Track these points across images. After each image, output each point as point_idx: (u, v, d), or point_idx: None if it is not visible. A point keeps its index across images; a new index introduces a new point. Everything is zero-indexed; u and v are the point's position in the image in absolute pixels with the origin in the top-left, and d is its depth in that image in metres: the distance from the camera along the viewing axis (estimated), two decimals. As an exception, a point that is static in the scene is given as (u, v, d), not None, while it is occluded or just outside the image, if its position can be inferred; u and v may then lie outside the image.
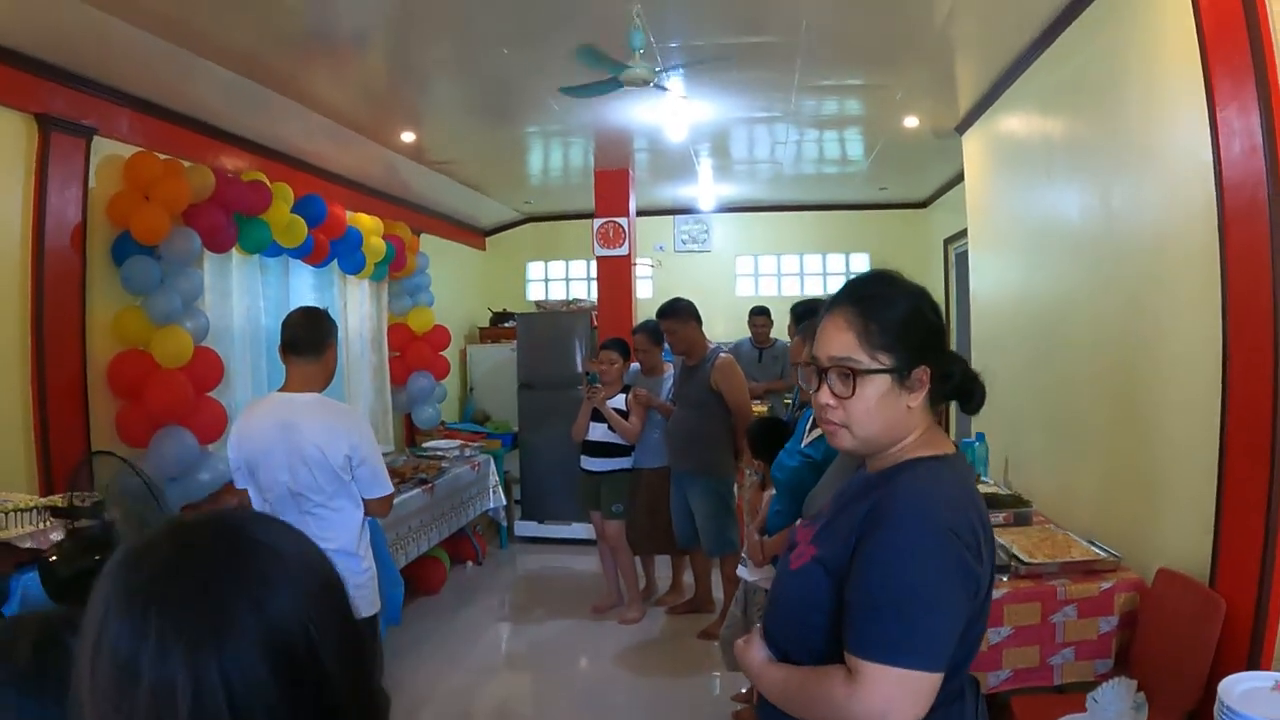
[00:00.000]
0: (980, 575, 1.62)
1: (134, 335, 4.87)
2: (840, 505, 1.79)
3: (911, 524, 1.59)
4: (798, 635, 1.72)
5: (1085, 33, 4.43)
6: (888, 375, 1.70)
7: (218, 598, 0.92)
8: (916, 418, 1.75)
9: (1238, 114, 2.97)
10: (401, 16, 4.70)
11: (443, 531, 6.73)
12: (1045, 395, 5.14)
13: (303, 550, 1.03)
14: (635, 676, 5.57)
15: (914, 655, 1.52)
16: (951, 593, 1.57)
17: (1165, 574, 3.45)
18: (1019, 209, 5.74)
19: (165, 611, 0.89)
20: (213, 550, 0.96)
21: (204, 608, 0.90)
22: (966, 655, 1.70)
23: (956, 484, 1.70)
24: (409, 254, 7.98)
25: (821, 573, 1.68)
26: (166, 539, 0.97)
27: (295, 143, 6.54)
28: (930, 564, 1.56)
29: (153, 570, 0.93)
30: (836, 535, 1.70)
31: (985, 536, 1.66)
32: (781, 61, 5.47)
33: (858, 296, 1.78)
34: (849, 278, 1.90)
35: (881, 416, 1.72)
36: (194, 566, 0.94)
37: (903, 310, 1.74)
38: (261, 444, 3.57)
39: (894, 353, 1.70)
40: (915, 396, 1.72)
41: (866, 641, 1.55)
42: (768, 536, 3.83)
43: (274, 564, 0.98)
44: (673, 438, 6.06)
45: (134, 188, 4.88)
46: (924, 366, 1.72)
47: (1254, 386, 2.95)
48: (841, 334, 1.74)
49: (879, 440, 1.75)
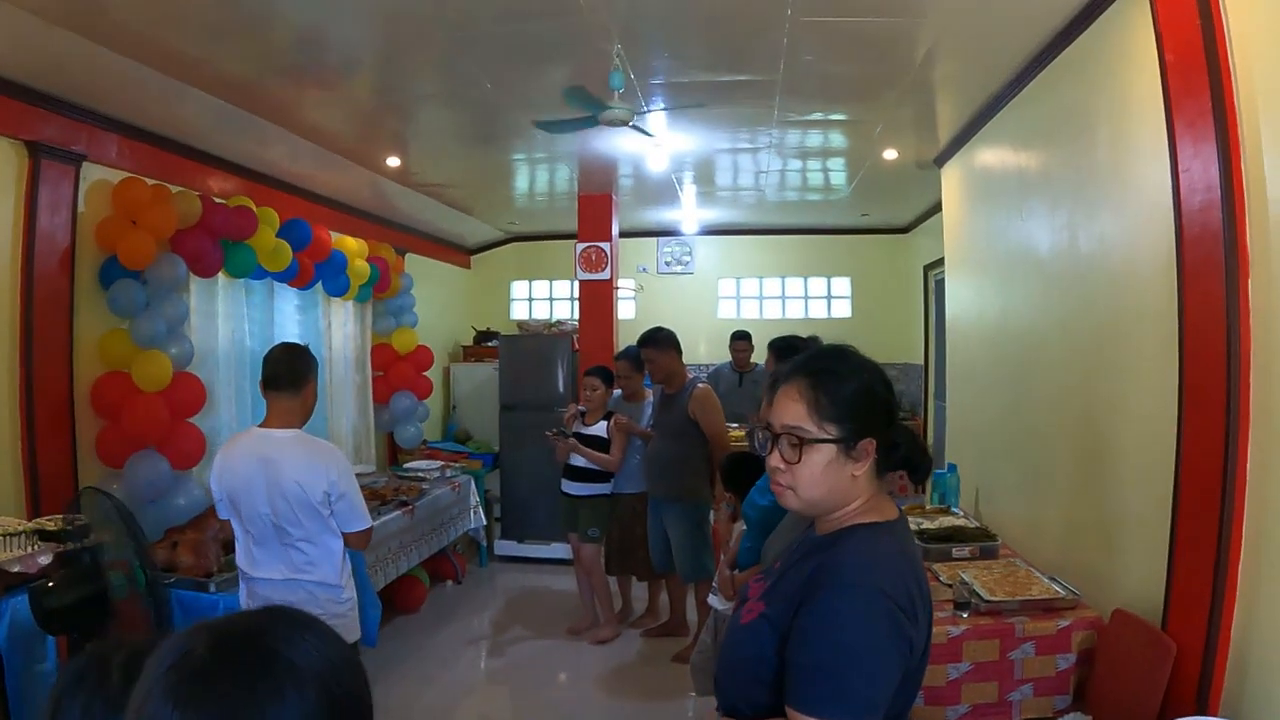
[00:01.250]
0: (914, 636, 1.72)
1: (118, 357, 4.93)
2: (788, 564, 1.90)
3: (849, 587, 1.69)
4: (743, 687, 1.81)
5: (1058, 77, 4.54)
6: (834, 445, 1.82)
7: (235, 708, 1.02)
8: (861, 485, 1.85)
9: (1199, 168, 3.06)
10: (389, 51, 4.78)
11: (422, 552, 6.77)
12: (1017, 429, 5.22)
13: (321, 665, 1.12)
14: (610, 698, 5.64)
15: (848, 710, 1.62)
16: (885, 652, 1.67)
17: (1120, 614, 3.53)
18: (994, 242, 5.83)
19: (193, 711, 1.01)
20: (237, 665, 1.06)
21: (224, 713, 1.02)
22: (905, 704, 1.80)
23: (895, 550, 1.80)
24: (393, 275, 8.04)
25: (768, 629, 1.77)
26: (204, 647, 1.07)
27: (282, 166, 6.62)
28: (865, 626, 1.66)
29: (186, 672, 1.04)
30: (783, 594, 1.80)
31: (921, 599, 1.76)
32: (762, 98, 5.56)
33: (811, 370, 1.88)
34: (809, 352, 1.99)
35: (826, 483, 1.83)
36: (219, 677, 1.04)
37: (852, 386, 1.85)
38: (243, 478, 3.63)
39: (841, 424, 1.82)
40: (860, 466, 1.83)
41: (804, 697, 1.65)
42: (738, 571, 3.91)
43: (290, 679, 1.07)
44: (651, 464, 6.14)
45: (122, 213, 4.96)
46: (869, 439, 1.82)
47: (1205, 437, 3.04)
48: (794, 404, 1.86)
49: (823, 504, 1.87)
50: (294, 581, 3.68)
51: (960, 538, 4.63)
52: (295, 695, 1.05)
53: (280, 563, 3.70)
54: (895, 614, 1.67)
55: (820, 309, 11.52)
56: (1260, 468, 2.84)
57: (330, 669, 1.11)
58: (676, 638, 6.42)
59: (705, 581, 5.82)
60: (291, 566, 3.69)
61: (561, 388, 8.68)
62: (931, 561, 4.35)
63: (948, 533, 4.69)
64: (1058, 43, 4.38)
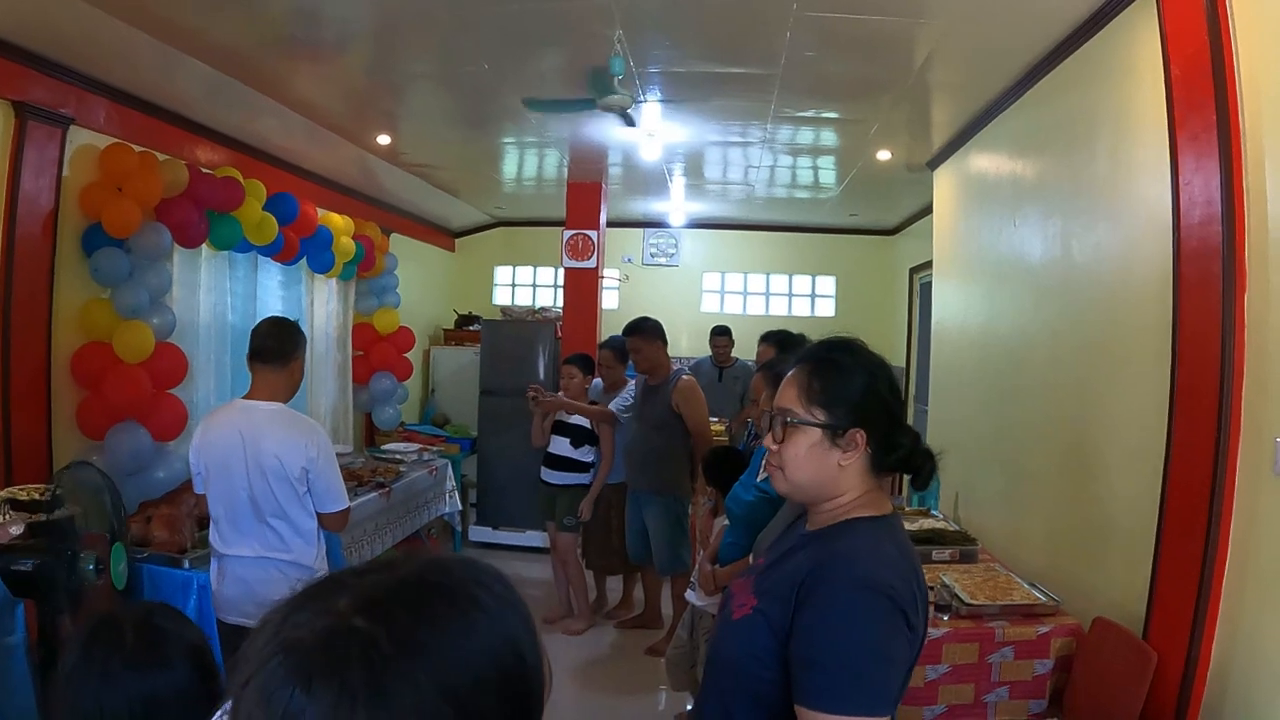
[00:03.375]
0: (917, 627, 1.72)
1: (99, 327, 4.86)
2: (778, 556, 1.89)
3: (854, 583, 1.68)
4: (744, 687, 1.78)
5: (1059, 85, 4.54)
6: (818, 430, 1.82)
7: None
8: (852, 478, 1.84)
9: (1200, 183, 3.07)
10: (386, 27, 4.73)
11: (397, 535, 6.74)
12: (1001, 435, 5.23)
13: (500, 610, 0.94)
14: (583, 689, 5.62)
15: (861, 704, 1.60)
16: (892, 645, 1.66)
17: (1102, 622, 3.54)
18: (984, 247, 5.84)
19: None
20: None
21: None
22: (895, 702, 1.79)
23: (894, 544, 1.79)
24: (378, 254, 8.00)
25: (764, 624, 1.74)
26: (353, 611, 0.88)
27: (271, 139, 6.55)
28: (872, 620, 1.64)
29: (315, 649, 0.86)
30: (777, 589, 1.77)
31: (920, 592, 1.76)
32: (759, 91, 5.54)
33: (815, 358, 1.91)
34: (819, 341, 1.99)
35: (810, 467, 1.83)
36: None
37: (846, 376, 1.85)
38: (221, 452, 3.59)
39: (829, 411, 1.82)
40: (849, 457, 1.81)
41: (816, 694, 1.62)
42: (719, 566, 3.89)
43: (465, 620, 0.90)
44: (631, 456, 6.11)
45: (108, 179, 4.88)
46: (858, 430, 1.81)
47: (1195, 451, 3.05)
48: (790, 388, 1.88)
49: (808, 490, 1.87)
50: (266, 560, 3.63)
51: (940, 541, 4.63)
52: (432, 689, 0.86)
53: (254, 540, 3.64)
54: (900, 606, 1.66)
55: (804, 307, 11.54)
56: (1249, 482, 2.86)
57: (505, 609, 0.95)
58: (650, 630, 6.41)
59: (681, 575, 5.82)
60: (264, 544, 3.63)
61: (542, 375, 8.63)
62: (911, 564, 4.34)
63: (928, 535, 4.68)
64: (1060, 51, 4.38)
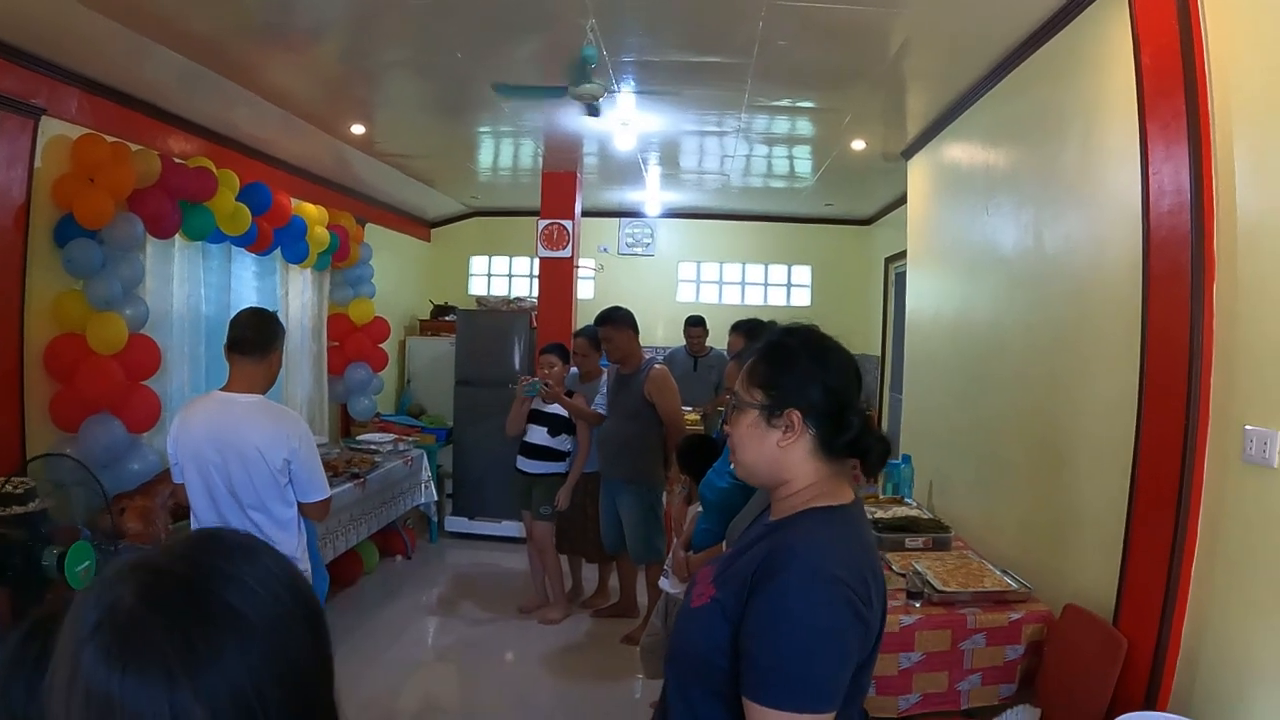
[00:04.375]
0: (870, 620, 1.70)
1: (73, 318, 4.83)
2: (740, 548, 1.88)
3: (803, 574, 1.66)
4: (700, 674, 1.78)
5: (1032, 75, 4.57)
6: (755, 410, 1.85)
7: (197, 637, 0.92)
8: (799, 462, 1.84)
9: (1169, 171, 3.09)
10: (360, 15, 4.70)
11: (372, 525, 6.75)
12: (974, 424, 5.27)
13: (282, 582, 1.03)
14: (558, 677, 5.64)
15: (805, 699, 1.60)
16: (842, 637, 1.65)
17: (1072, 609, 3.58)
18: (958, 237, 5.88)
19: (145, 647, 0.90)
20: (194, 590, 0.96)
21: (184, 647, 0.90)
22: (858, 692, 1.79)
23: (848, 533, 1.79)
24: (353, 244, 7.96)
25: (720, 614, 1.74)
26: (135, 583, 0.95)
27: (244, 129, 6.51)
28: (821, 611, 1.64)
29: (118, 629, 0.92)
30: (734, 579, 1.77)
31: (876, 585, 1.75)
32: (733, 81, 5.55)
33: (764, 343, 1.94)
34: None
35: (753, 448, 1.87)
36: (175, 604, 0.94)
37: (789, 358, 1.87)
38: (201, 443, 3.56)
39: (765, 391, 1.84)
40: (787, 438, 1.82)
41: (759, 687, 1.63)
42: (693, 553, 3.91)
43: (236, 632, 0.95)
44: (605, 445, 6.12)
45: (80, 170, 4.84)
46: (794, 410, 1.81)
47: (1164, 440, 3.08)
48: (738, 372, 1.94)
49: (757, 472, 1.89)
50: None
51: (914, 528, 4.66)
52: (237, 648, 0.94)
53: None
54: (851, 599, 1.65)
55: (780, 296, 11.56)
56: (1217, 470, 2.89)
57: (279, 611, 1.01)
58: (626, 619, 6.44)
59: (656, 563, 5.83)
60: None
61: (518, 364, 8.63)
62: (884, 551, 4.37)
63: (901, 523, 4.71)
64: (1033, 41, 4.41)
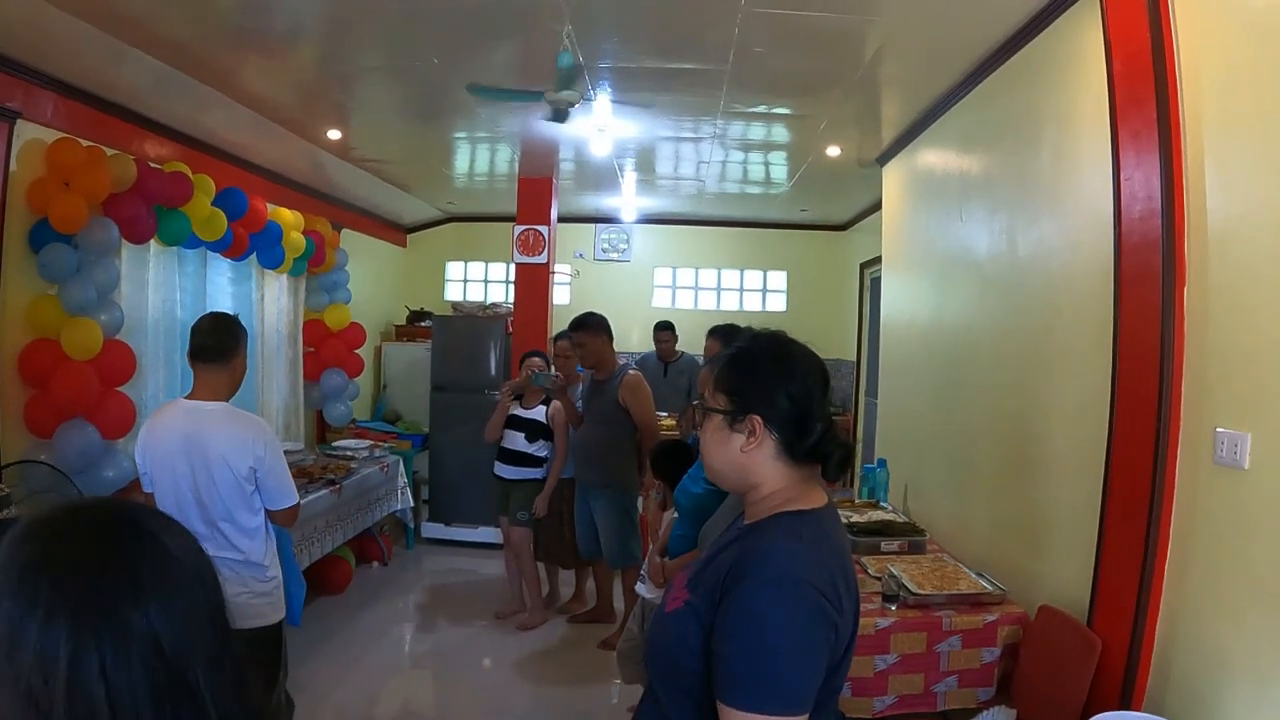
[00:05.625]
0: (839, 624, 1.71)
1: (47, 324, 4.79)
2: (714, 552, 1.88)
3: (772, 577, 1.68)
4: (671, 677, 1.80)
5: (1006, 83, 4.62)
6: (719, 415, 1.86)
7: (110, 584, 0.96)
8: (764, 467, 1.85)
9: (1141, 177, 3.13)
10: (336, 20, 4.71)
11: (348, 532, 6.72)
12: (948, 428, 5.31)
13: (197, 561, 1.09)
14: (536, 683, 5.63)
15: (777, 702, 1.61)
16: (812, 642, 1.66)
17: (1046, 610, 3.61)
18: (932, 242, 5.92)
19: (57, 587, 0.94)
20: (112, 538, 1.01)
21: (95, 591, 0.95)
22: (831, 694, 1.81)
23: (819, 537, 1.79)
24: (328, 250, 7.94)
25: (693, 618, 1.75)
26: (68, 520, 1.01)
27: (220, 134, 6.49)
28: (790, 615, 1.65)
29: (48, 547, 0.97)
30: (707, 582, 1.78)
31: (847, 588, 1.76)
32: (709, 87, 5.57)
33: (732, 348, 1.95)
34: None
35: (717, 453, 1.89)
36: (91, 550, 0.98)
37: (751, 364, 1.89)
38: (167, 451, 3.53)
39: (728, 396, 1.86)
40: (750, 443, 1.83)
41: (730, 689, 1.64)
42: (669, 559, 3.92)
43: (167, 565, 1.02)
44: (579, 450, 6.13)
45: (55, 174, 4.82)
46: (755, 415, 1.82)
47: (1136, 442, 3.12)
48: (705, 377, 1.95)
49: (725, 476, 1.91)
50: (216, 559, 3.58)
51: (889, 532, 4.68)
52: (172, 586, 1.01)
53: (203, 540, 3.59)
54: (820, 602, 1.66)
55: (755, 302, 11.61)
56: (1189, 472, 2.92)
57: (207, 567, 1.10)
58: (603, 624, 6.43)
59: (632, 568, 5.84)
60: (214, 544, 3.56)
61: (494, 370, 8.63)
62: (860, 555, 4.39)
63: (876, 527, 4.74)
64: (1007, 49, 4.45)
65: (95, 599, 0.94)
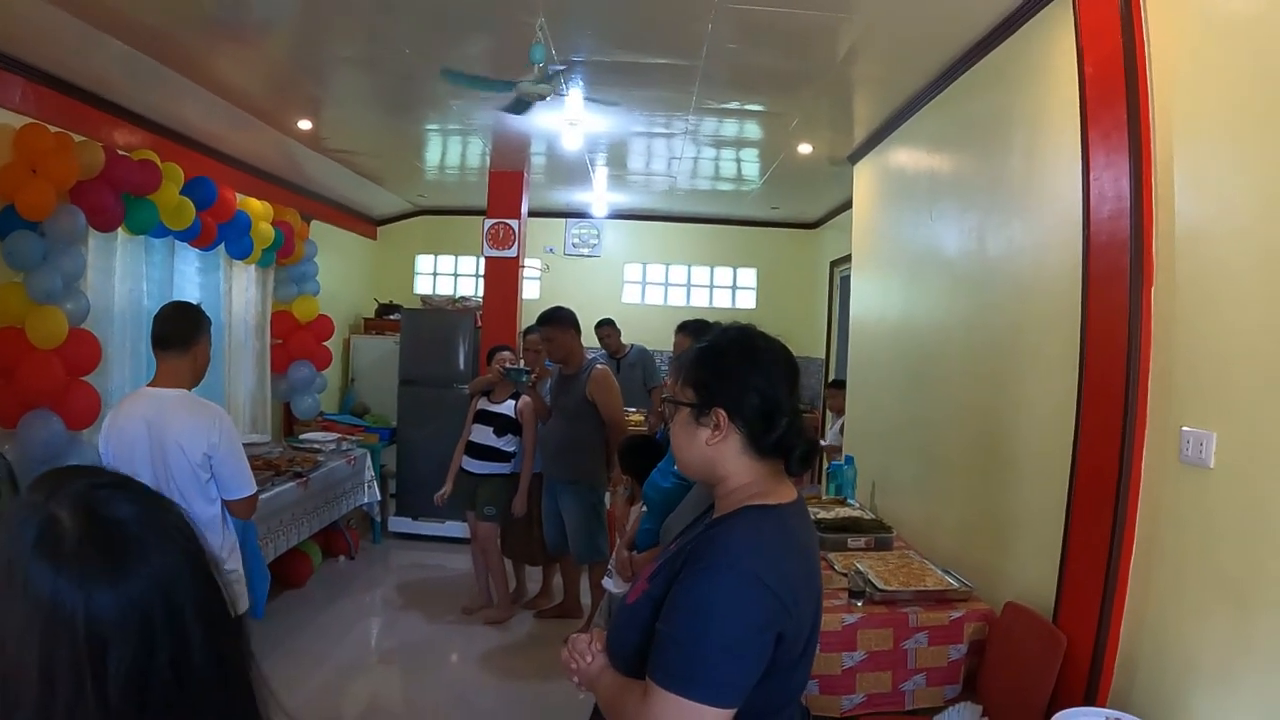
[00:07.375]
0: (786, 626, 1.71)
1: (12, 312, 4.73)
2: (680, 545, 1.90)
3: (720, 568, 1.70)
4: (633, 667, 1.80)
5: (977, 83, 4.64)
6: (685, 408, 1.88)
7: (121, 543, 1.00)
8: (730, 460, 1.87)
9: (1110, 178, 3.16)
10: (308, 9, 4.68)
11: (314, 525, 6.68)
12: (916, 426, 5.33)
13: (180, 524, 1.10)
14: (502, 678, 5.62)
15: (702, 689, 1.62)
16: (751, 638, 1.67)
17: (1012, 607, 3.63)
18: (902, 241, 5.94)
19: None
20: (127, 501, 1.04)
21: (103, 551, 0.99)
22: (794, 691, 1.83)
23: (781, 533, 1.81)
24: (297, 241, 7.88)
25: (649, 606, 1.78)
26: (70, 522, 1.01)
27: (190, 122, 6.43)
28: (735, 608, 1.67)
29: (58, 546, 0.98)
30: (664, 572, 1.81)
31: (806, 586, 1.78)
32: (681, 82, 5.58)
33: (701, 343, 1.97)
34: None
35: (686, 446, 1.90)
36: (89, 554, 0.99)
37: (718, 358, 1.90)
38: (128, 440, 3.51)
39: (693, 390, 1.88)
40: (715, 436, 1.85)
41: (661, 668, 1.66)
42: (637, 553, 3.92)
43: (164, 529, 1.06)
44: (547, 445, 6.13)
45: (22, 160, 4.75)
46: (719, 409, 1.84)
47: (1103, 440, 3.14)
48: (674, 371, 1.98)
49: (694, 469, 1.93)
50: None
51: (856, 529, 4.70)
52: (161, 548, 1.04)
53: None
54: (768, 600, 1.67)
55: (725, 299, 11.64)
56: (1155, 470, 2.95)
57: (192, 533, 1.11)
58: (570, 619, 6.42)
59: (599, 564, 5.84)
60: None
61: (463, 364, 8.61)
62: (827, 551, 4.40)
63: (843, 523, 4.75)
64: (979, 49, 4.47)
65: (100, 559, 0.99)
